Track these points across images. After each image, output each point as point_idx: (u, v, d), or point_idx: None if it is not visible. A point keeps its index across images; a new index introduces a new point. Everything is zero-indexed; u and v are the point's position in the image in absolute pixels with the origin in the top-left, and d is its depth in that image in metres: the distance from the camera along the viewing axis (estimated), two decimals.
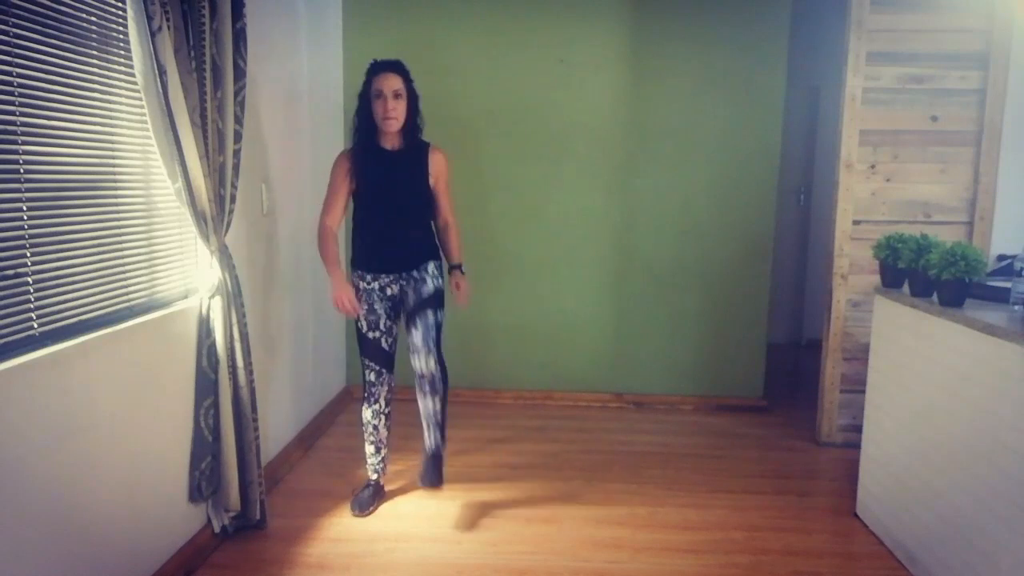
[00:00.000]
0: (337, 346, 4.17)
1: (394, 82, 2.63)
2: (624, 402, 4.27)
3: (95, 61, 2.02)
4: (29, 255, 1.77)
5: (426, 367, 2.77)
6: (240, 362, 2.49)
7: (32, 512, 1.73)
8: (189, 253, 2.54)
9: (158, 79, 2.07)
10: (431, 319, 2.77)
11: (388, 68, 2.65)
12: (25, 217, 1.76)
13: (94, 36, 2.01)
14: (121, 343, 2.07)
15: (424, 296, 2.77)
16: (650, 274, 4.18)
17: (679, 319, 4.20)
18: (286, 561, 2.50)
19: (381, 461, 2.95)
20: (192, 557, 2.42)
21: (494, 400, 4.27)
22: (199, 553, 2.46)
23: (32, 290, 1.78)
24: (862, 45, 3.44)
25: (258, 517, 2.63)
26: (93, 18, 2.00)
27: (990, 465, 2.10)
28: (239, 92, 2.42)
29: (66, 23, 1.89)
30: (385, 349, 2.81)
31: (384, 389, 2.85)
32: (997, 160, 3.46)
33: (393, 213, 2.73)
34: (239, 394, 2.51)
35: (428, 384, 2.79)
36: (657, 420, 4.06)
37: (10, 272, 1.71)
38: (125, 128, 2.16)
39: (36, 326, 1.80)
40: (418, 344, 2.76)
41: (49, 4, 1.82)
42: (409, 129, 2.71)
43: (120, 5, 2.09)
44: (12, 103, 1.71)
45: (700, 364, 4.24)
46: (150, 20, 2.00)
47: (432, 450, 2.87)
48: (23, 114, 1.74)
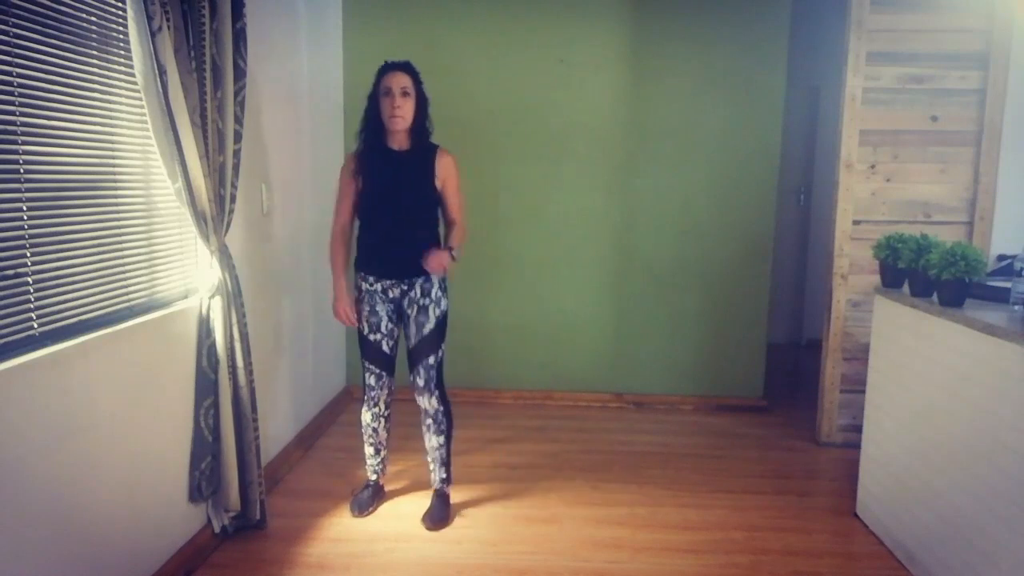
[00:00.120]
0: (337, 346, 4.17)
1: (403, 80, 2.61)
2: (624, 402, 4.27)
3: (95, 61, 2.02)
4: (29, 255, 1.77)
5: (429, 405, 2.78)
6: (240, 362, 2.49)
7: (32, 512, 1.73)
8: (189, 253, 2.54)
9: (158, 79, 2.07)
10: (431, 359, 2.73)
11: (398, 67, 2.64)
12: (25, 217, 1.76)
13: (94, 36, 2.01)
14: (121, 343, 2.07)
15: (425, 333, 2.71)
16: (650, 274, 4.18)
17: (679, 319, 4.20)
18: (286, 561, 2.50)
19: (381, 462, 2.95)
20: (192, 557, 2.42)
21: (494, 400, 4.27)
22: (199, 553, 2.46)
23: (32, 290, 1.79)
24: (862, 45, 3.44)
25: (258, 517, 2.63)
26: (93, 18, 2.00)
27: (990, 465, 2.10)
28: (239, 92, 2.42)
29: (66, 23, 1.89)
30: (386, 352, 2.79)
31: (384, 393, 2.85)
32: (997, 160, 3.46)
33: (397, 213, 2.69)
34: (239, 394, 2.51)
35: (432, 420, 2.81)
36: (657, 420, 4.06)
37: (10, 272, 1.71)
38: (125, 128, 2.16)
39: (36, 326, 1.80)
40: (420, 385, 2.75)
41: (49, 4, 1.82)
42: (417, 130, 2.68)
43: (120, 5, 2.09)
44: (12, 103, 1.71)
45: (700, 364, 4.24)
46: (150, 20, 2.00)
47: (438, 488, 2.88)
48: (23, 114, 1.74)
